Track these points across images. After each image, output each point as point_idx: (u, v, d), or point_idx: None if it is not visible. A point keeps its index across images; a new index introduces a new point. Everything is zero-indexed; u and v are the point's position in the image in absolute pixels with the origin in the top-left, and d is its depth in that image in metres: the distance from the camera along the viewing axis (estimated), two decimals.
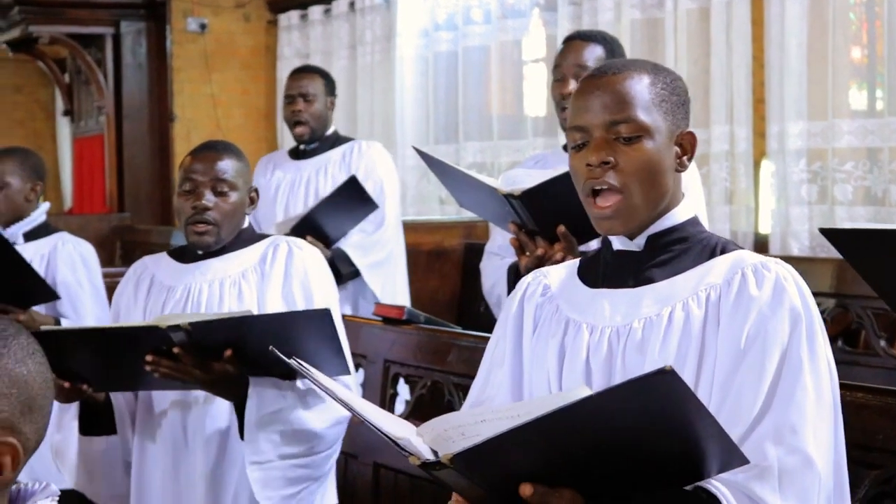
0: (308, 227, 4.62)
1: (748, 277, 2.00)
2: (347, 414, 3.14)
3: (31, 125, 12.85)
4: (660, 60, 5.61)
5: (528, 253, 3.32)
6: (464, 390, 3.46)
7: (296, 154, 5.09)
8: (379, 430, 1.81)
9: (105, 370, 2.99)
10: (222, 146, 3.24)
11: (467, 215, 5.72)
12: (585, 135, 2.06)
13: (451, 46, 7.56)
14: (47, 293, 4.20)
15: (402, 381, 3.74)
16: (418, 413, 3.67)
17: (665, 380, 1.61)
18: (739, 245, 2.14)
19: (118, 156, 9.66)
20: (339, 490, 3.41)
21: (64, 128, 12.15)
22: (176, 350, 2.86)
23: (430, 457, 1.72)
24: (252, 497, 3.13)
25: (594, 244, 3.46)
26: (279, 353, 2.28)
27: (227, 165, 3.17)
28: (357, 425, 3.30)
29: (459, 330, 3.79)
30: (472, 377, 3.39)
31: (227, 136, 7.92)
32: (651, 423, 1.70)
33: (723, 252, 2.07)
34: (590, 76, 2.13)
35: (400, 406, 3.78)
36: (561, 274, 2.22)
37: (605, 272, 2.13)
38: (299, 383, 3.06)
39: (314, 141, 4.99)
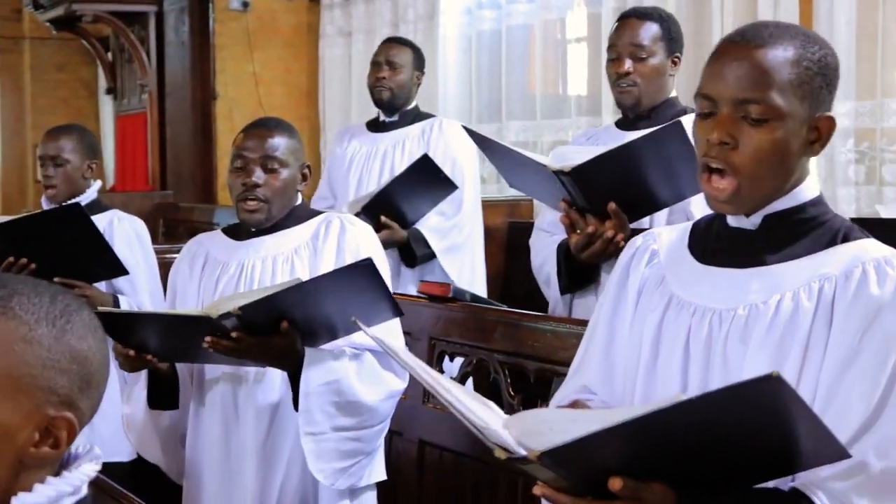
0: (381, 205, 4.53)
1: (869, 273, 1.86)
2: (400, 388, 3.15)
3: (73, 103, 12.88)
4: (705, 37, 5.57)
5: (578, 231, 3.31)
6: (509, 368, 3.46)
7: (374, 126, 5.04)
8: (464, 418, 1.74)
9: (165, 345, 3.02)
10: (274, 123, 3.26)
11: (511, 194, 5.70)
12: (712, 105, 1.93)
13: (495, 25, 7.53)
14: (118, 269, 4.21)
15: (447, 358, 3.74)
16: None
17: (771, 386, 1.52)
18: (867, 232, 1.98)
19: (160, 134, 9.69)
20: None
21: (106, 106, 12.18)
22: (234, 335, 2.87)
23: (517, 450, 1.66)
24: (303, 471, 3.16)
25: (645, 222, 3.46)
26: (363, 326, 2.29)
27: (277, 143, 3.18)
28: (402, 402, 3.31)
29: (505, 308, 3.77)
30: (518, 355, 3.44)
31: (269, 115, 7.92)
32: (751, 426, 1.61)
33: (845, 240, 1.93)
34: (730, 41, 1.97)
35: None
36: (672, 237, 2.11)
37: (715, 247, 2.03)
38: (353, 361, 3.07)
39: (394, 113, 4.93)
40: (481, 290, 4.74)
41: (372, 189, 4.75)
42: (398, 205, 4.55)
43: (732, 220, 2.00)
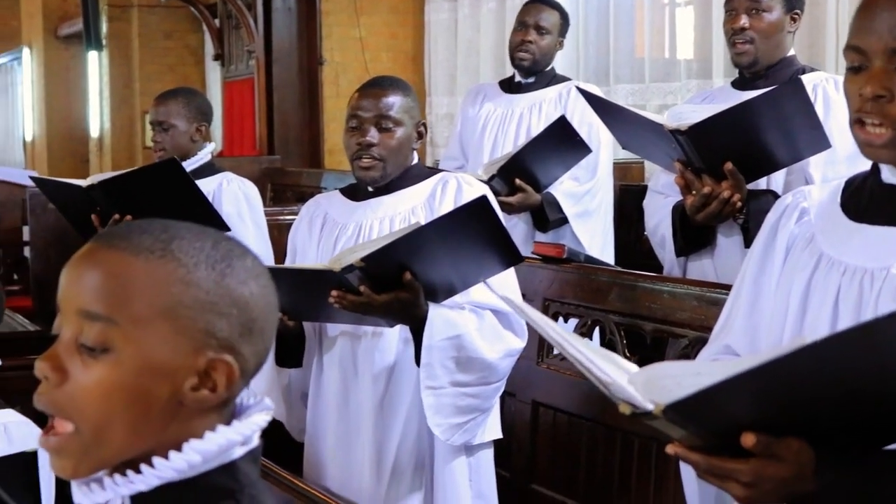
0: (516, 168, 4.46)
1: None
2: (519, 347, 3.17)
3: (181, 70, 13.03)
4: None
5: (693, 192, 3.29)
6: (625, 329, 3.45)
7: (508, 87, 4.97)
8: (588, 373, 1.69)
9: (293, 303, 3.05)
10: (388, 82, 3.26)
11: (622, 156, 5.67)
12: (863, 58, 1.85)
13: None
14: (218, 224, 4.26)
15: (560, 319, 3.74)
16: None
17: None
18: None
19: (268, 99, 9.75)
20: None
21: (213, 72, 12.31)
22: (362, 289, 2.89)
23: (643, 406, 1.60)
24: (420, 429, 3.20)
25: (762, 182, 3.43)
26: (488, 284, 2.29)
27: (392, 101, 3.19)
28: (516, 362, 3.32)
29: (620, 269, 3.76)
30: (634, 316, 3.43)
31: None
32: (887, 371, 1.49)
33: None
34: None
35: None
36: (823, 196, 2.05)
37: (868, 204, 1.96)
38: (475, 318, 3.09)
39: (532, 75, 4.88)
40: (610, 256, 4.69)
41: (507, 151, 4.69)
42: (532, 168, 4.48)
43: (888, 175, 1.93)
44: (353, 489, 3.21)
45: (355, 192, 3.35)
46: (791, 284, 2.01)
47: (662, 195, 3.69)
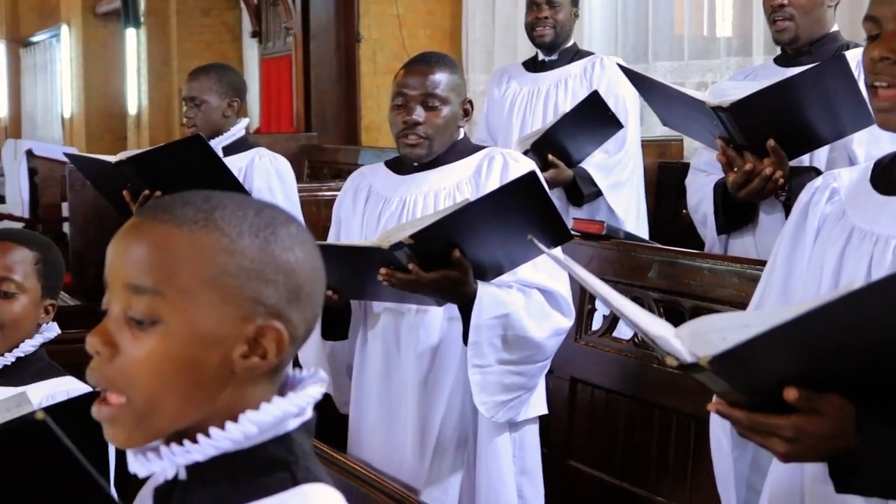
0: (548, 143, 4.47)
1: None
2: (566, 327, 3.16)
3: (218, 47, 13.07)
4: None
5: (735, 169, 3.27)
6: (664, 306, 3.44)
7: (532, 66, 4.98)
8: (636, 327, 1.72)
9: (341, 279, 3.06)
10: (435, 59, 3.24)
11: (660, 133, 5.65)
12: (876, 26, 1.92)
13: None
14: None
15: None
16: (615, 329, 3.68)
17: None
18: None
19: (305, 76, 9.74)
20: None
21: (251, 49, 12.35)
22: (411, 266, 2.89)
23: (688, 358, 1.61)
24: (463, 406, 3.20)
25: (805, 159, 3.41)
26: (536, 241, 2.29)
27: (438, 79, 3.17)
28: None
29: (660, 245, 3.75)
30: (674, 294, 3.42)
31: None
32: None
33: None
34: None
35: (597, 321, 3.78)
36: (853, 176, 2.08)
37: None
38: (522, 297, 3.09)
39: (553, 51, 4.87)
40: (644, 227, 4.70)
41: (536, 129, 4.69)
42: (564, 144, 4.49)
43: None
44: (395, 464, 3.22)
45: (400, 166, 3.34)
46: (823, 259, 2.03)
47: (704, 173, 3.67)
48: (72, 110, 16.08)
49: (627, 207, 4.65)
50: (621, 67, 3.55)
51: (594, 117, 4.41)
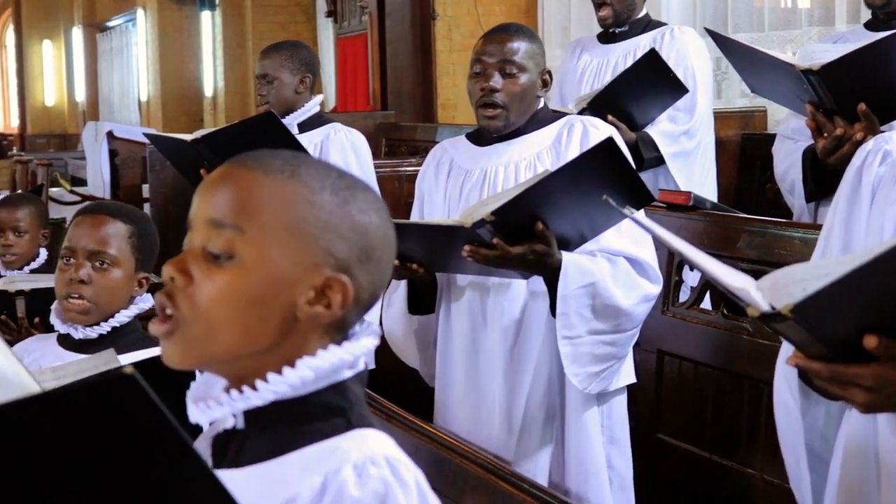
0: (607, 103, 4.40)
1: None
2: (654, 293, 3.12)
3: (292, 28, 13.13)
4: None
5: (825, 134, 3.21)
6: (755, 276, 3.37)
7: (605, 38, 4.94)
8: (717, 281, 1.72)
9: (427, 255, 3.06)
10: (514, 28, 3.23)
11: (743, 104, 5.58)
12: None
13: None
14: None
15: (686, 268, 3.69)
16: (703, 301, 3.64)
17: None
18: None
19: (381, 54, 9.75)
20: None
21: (325, 29, 12.39)
22: (496, 241, 2.87)
23: (769, 308, 1.60)
24: (549, 379, 3.18)
25: None
26: (612, 202, 2.27)
27: (516, 47, 3.16)
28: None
29: (749, 216, 3.69)
30: (763, 264, 3.36)
31: None
32: None
33: None
34: None
35: (685, 293, 3.74)
36: None
37: None
38: (608, 265, 3.06)
39: (622, 24, 4.82)
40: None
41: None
42: (626, 105, 4.44)
43: None
44: (483, 438, 3.20)
45: (480, 138, 3.32)
46: (883, 219, 2.02)
47: (792, 140, 3.62)
48: (148, 93, 16.25)
49: (689, 178, 4.57)
50: (709, 31, 3.50)
51: (655, 79, 4.36)
